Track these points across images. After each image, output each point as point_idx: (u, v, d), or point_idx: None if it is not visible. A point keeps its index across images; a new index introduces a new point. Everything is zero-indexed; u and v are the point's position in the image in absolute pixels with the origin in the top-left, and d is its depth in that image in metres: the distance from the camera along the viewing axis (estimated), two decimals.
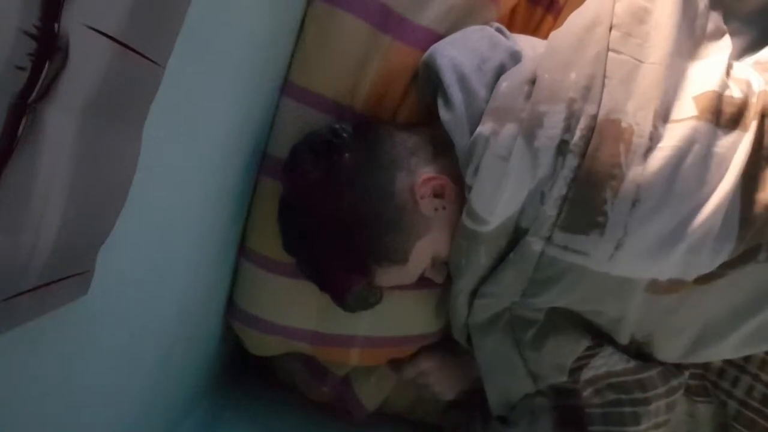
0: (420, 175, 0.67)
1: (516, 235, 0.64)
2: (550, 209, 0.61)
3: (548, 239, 0.62)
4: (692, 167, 0.60)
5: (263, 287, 0.77)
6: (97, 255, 0.42)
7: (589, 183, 0.59)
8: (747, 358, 0.71)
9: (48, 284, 0.37)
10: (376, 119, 0.74)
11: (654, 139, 0.60)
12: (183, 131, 0.52)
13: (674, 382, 0.70)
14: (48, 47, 0.30)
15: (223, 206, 0.69)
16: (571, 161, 0.60)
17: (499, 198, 0.61)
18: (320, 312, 0.77)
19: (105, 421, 0.56)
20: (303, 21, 0.72)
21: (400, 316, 0.78)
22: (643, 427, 0.68)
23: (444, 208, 0.68)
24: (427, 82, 0.70)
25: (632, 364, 0.69)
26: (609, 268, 0.61)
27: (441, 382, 0.82)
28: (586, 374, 0.69)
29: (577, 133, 0.60)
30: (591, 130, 0.60)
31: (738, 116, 0.62)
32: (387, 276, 0.69)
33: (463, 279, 0.69)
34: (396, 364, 0.83)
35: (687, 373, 0.71)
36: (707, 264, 0.62)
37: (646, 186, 0.59)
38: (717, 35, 0.70)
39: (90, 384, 0.51)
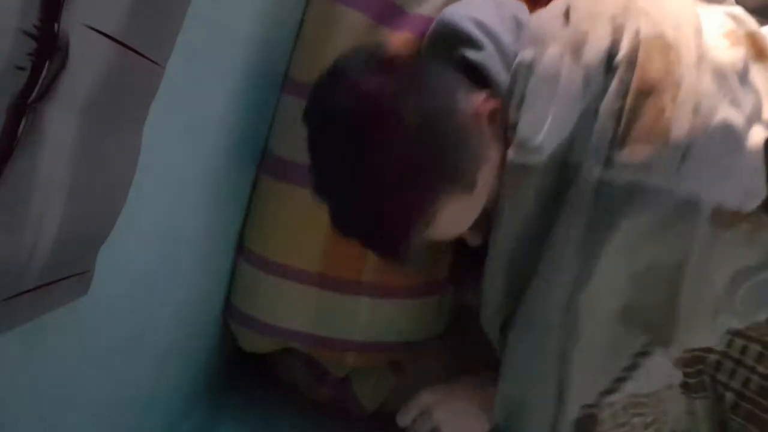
0: (476, 94, 0.63)
1: (567, 175, 0.61)
2: (607, 126, 0.59)
3: (607, 161, 0.58)
4: (739, 85, 0.59)
5: (260, 288, 0.77)
6: (97, 255, 0.42)
7: (644, 93, 0.58)
8: (743, 351, 0.71)
9: (48, 284, 0.37)
10: None
11: (700, 54, 0.60)
12: (183, 131, 0.52)
13: (674, 382, 0.70)
14: (48, 47, 0.30)
15: (223, 206, 0.69)
16: (623, 74, 0.59)
17: (549, 119, 0.59)
18: (317, 315, 0.76)
19: (105, 421, 0.56)
20: (303, 18, 0.72)
21: (395, 322, 0.78)
22: None
23: (496, 137, 0.64)
24: (440, 47, 0.69)
25: (657, 387, 0.67)
26: (675, 182, 0.58)
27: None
28: (613, 398, 0.66)
29: (624, 47, 0.59)
30: (637, 43, 0.59)
31: (763, 52, 0.62)
32: (451, 210, 0.61)
33: (504, 227, 0.64)
34: (396, 366, 0.83)
35: (681, 372, 0.71)
36: (762, 188, 0.59)
37: (704, 91, 0.58)
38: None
39: (90, 384, 0.51)
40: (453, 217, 0.63)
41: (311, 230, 0.73)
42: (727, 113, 0.58)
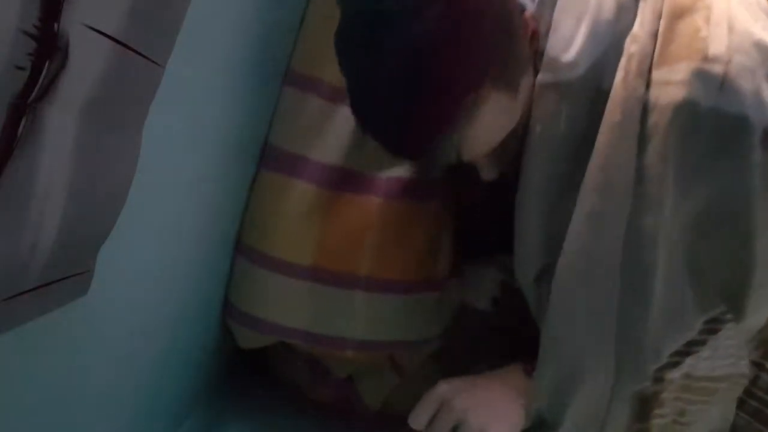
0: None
1: (602, 100, 0.59)
2: (646, 47, 0.59)
3: (648, 82, 0.58)
4: (765, 17, 0.60)
5: (258, 285, 0.76)
6: (97, 255, 0.42)
7: (677, 15, 0.59)
8: (754, 348, 0.71)
9: (48, 284, 0.37)
10: None
11: None
12: (183, 131, 0.52)
13: None
14: (48, 47, 0.30)
15: (223, 204, 0.69)
16: (653, 1, 0.60)
17: (581, 36, 0.59)
18: (314, 312, 0.76)
19: (105, 421, 0.56)
20: (306, 10, 0.72)
21: (393, 319, 0.77)
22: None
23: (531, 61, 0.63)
24: None
25: (717, 372, 0.65)
26: (721, 100, 0.56)
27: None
28: (674, 373, 0.63)
29: None
30: None
31: None
32: (491, 110, 0.57)
33: (535, 151, 0.62)
34: (397, 366, 0.83)
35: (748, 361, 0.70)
36: None
37: (736, 14, 0.58)
38: None
39: (90, 384, 0.51)
40: (489, 121, 0.58)
41: (309, 224, 0.73)
42: (762, 35, 0.58)
